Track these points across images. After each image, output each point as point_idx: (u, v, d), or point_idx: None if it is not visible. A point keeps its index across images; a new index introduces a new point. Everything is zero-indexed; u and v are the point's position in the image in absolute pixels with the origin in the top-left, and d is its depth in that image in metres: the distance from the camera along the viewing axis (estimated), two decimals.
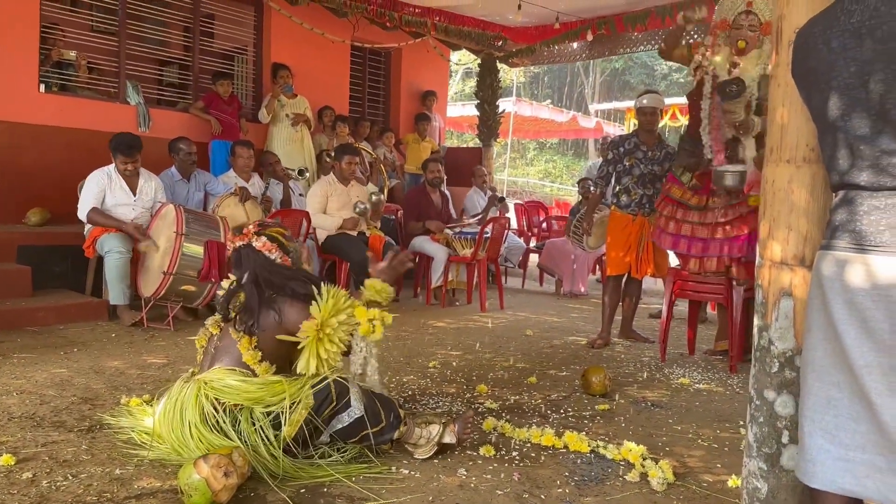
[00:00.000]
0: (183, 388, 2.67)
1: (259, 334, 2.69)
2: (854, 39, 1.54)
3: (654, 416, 3.48)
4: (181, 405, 2.61)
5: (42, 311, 4.86)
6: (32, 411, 3.09)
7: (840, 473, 1.57)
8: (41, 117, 6.19)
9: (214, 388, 2.60)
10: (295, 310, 2.70)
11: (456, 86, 24.32)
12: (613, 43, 8.77)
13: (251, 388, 2.60)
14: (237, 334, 2.70)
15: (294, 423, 2.54)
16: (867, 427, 1.53)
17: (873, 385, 1.50)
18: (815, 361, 1.62)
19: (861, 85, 1.54)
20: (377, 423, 2.63)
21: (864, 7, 1.53)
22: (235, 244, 2.87)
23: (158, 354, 4.26)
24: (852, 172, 1.58)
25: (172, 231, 4.85)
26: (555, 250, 8.00)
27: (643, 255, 5.11)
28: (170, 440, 2.60)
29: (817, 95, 1.65)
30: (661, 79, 26.13)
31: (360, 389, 2.67)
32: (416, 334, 5.28)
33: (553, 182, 25.44)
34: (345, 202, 6.23)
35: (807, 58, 1.66)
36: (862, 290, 1.52)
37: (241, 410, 2.58)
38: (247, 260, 2.80)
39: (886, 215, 1.52)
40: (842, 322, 1.55)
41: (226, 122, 7.08)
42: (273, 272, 2.78)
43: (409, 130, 9.27)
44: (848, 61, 1.56)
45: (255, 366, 2.66)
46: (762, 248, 1.89)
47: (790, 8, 1.81)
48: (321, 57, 8.14)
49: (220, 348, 2.77)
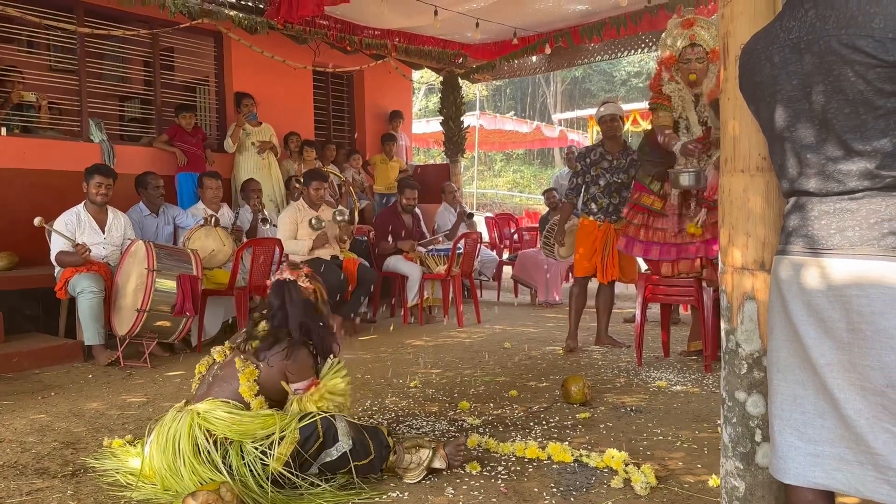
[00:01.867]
0: (176, 417, 2.69)
1: (265, 369, 2.73)
2: (794, 54, 1.62)
3: (634, 421, 3.55)
4: (175, 435, 2.62)
5: (16, 357, 4.81)
6: (14, 459, 3.07)
7: (811, 468, 1.63)
8: (4, 160, 6.13)
9: (206, 420, 2.62)
10: (305, 361, 2.78)
11: (419, 102, 24.45)
12: (571, 54, 8.94)
13: (243, 422, 2.62)
14: (243, 364, 2.73)
15: (280, 458, 2.56)
16: (833, 422, 1.59)
17: (835, 381, 1.57)
18: (780, 362, 1.68)
19: (804, 97, 1.62)
20: (366, 456, 2.66)
21: (802, 24, 1.61)
22: (284, 276, 2.92)
23: (137, 393, 4.23)
24: (801, 180, 1.66)
25: (144, 267, 4.84)
26: (528, 261, 8.08)
27: (608, 260, 5.26)
28: (160, 471, 2.60)
29: (764, 108, 1.73)
30: (621, 84, 26.51)
31: (347, 423, 2.69)
32: (396, 354, 5.31)
33: (521, 192, 25.62)
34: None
35: (753, 73, 1.74)
36: (818, 291, 1.59)
37: (232, 444, 2.59)
38: (288, 297, 2.85)
39: (836, 219, 1.59)
40: (801, 323, 1.62)
41: (191, 153, 7.06)
42: (309, 315, 2.86)
43: (376, 151, 9.32)
44: (790, 75, 1.64)
45: (249, 398, 2.69)
46: (723, 255, 1.96)
47: (735, 25, 1.90)
48: (283, 83, 8.17)
49: (218, 377, 2.80)
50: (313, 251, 6.13)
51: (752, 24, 1.86)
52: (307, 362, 2.78)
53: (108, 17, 6.74)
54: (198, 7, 6.70)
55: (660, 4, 6.97)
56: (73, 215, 5.19)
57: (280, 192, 7.59)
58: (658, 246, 4.64)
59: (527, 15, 7.69)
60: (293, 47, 7.74)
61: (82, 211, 5.23)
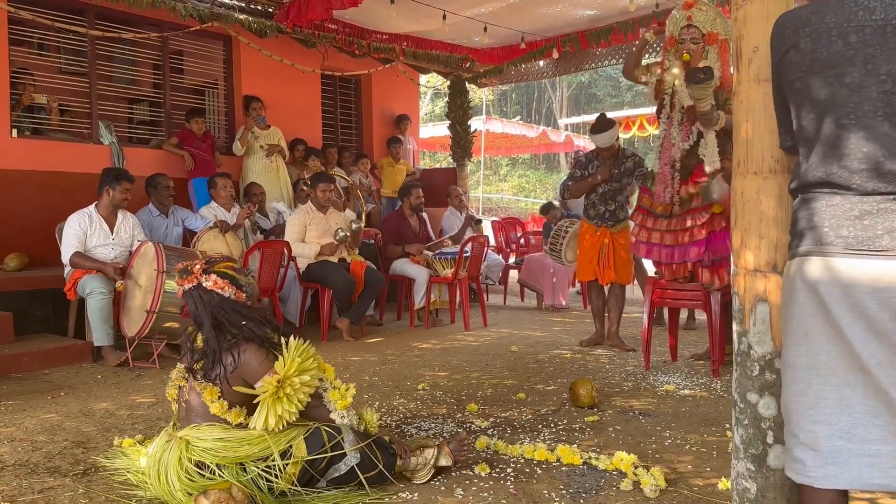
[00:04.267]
0: (165, 447, 2.57)
1: (222, 384, 2.58)
2: (878, 38, 1.53)
3: (642, 425, 3.55)
4: (165, 467, 2.52)
5: (26, 357, 4.83)
6: (26, 458, 3.08)
7: (867, 469, 1.57)
8: (14, 162, 6.18)
9: (196, 452, 2.51)
10: (255, 357, 2.60)
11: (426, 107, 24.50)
12: (579, 59, 8.95)
13: (234, 447, 2.51)
14: (199, 385, 2.59)
15: (287, 478, 2.50)
16: (885, 419, 1.55)
17: (890, 380, 1.53)
18: (820, 366, 1.62)
19: (875, 84, 1.53)
20: (373, 468, 2.60)
21: (887, 5, 1.52)
22: (184, 287, 2.69)
23: (146, 393, 4.25)
24: (841, 173, 1.57)
25: (153, 269, 4.86)
26: (534, 265, 8.09)
27: (605, 263, 5.41)
28: (160, 496, 2.56)
29: (819, 87, 1.61)
30: (627, 90, 26.51)
31: (354, 435, 2.62)
32: (403, 357, 5.32)
33: (527, 197, 25.64)
34: (324, 230, 6.27)
35: (814, 48, 1.61)
36: (867, 293, 1.53)
37: (228, 468, 2.49)
38: (199, 302, 2.65)
39: (881, 219, 1.53)
40: (847, 325, 1.56)
41: (200, 158, 7.09)
42: (230, 311, 2.65)
43: (383, 155, 9.35)
44: (867, 59, 1.53)
45: (225, 415, 2.56)
46: (736, 257, 1.97)
47: (748, 29, 1.91)
48: (292, 87, 8.21)
49: (189, 405, 2.66)
50: (321, 256, 6.16)
51: (766, 27, 1.87)
52: (256, 357, 2.59)
53: (118, 20, 6.80)
54: (207, 10, 6.74)
55: (668, 9, 6.96)
56: (85, 216, 5.23)
57: (288, 194, 7.62)
58: (657, 247, 4.65)
59: (535, 19, 7.71)
60: (302, 51, 7.78)
61: (94, 213, 5.26)
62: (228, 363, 2.58)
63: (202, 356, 2.61)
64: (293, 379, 2.54)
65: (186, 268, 2.72)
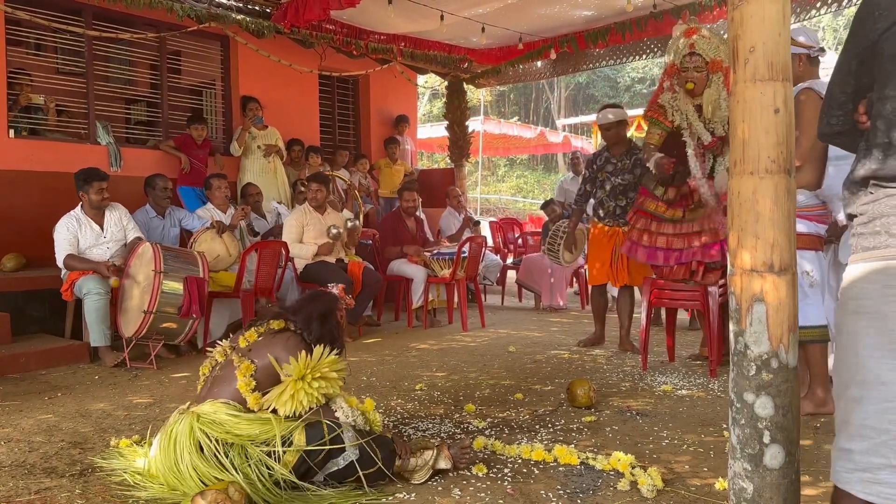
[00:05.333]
0: (178, 419, 2.70)
1: (258, 363, 2.73)
2: None
3: (639, 425, 3.55)
4: (175, 438, 2.63)
5: (23, 357, 4.82)
6: (22, 459, 3.08)
7: None
8: (11, 162, 6.17)
9: (205, 424, 2.62)
10: (297, 348, 2.76)
11: (424, 107, 24.50)
12: (576, 60, 8.95)
13: (241, 424, 2.62)
14: (239, 360, 2.73)
15: (286, 465, 2.55)
16: None
17: None
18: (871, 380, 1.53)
19: None
20: (372, 465, 2.64)
21: None
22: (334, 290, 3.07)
23: (144, 394, 4.25)
24: None
25: (150, 269, 4.86)
26: (532, 265, 8.09)
27: (618, 265, 5.29)
28: (165, 475, 2.61)
29: None
30: (625, 90, 26.54)
31: (354, 431, 2.67)
32: (400, 357, 5.32)
33: (525, 197, 25.64)
34: (321, 230, 6.27)
35: None
36: None
37: (233, 446, 2.59)
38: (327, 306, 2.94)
39: None
40: None
41: (195, 166, 7.06)
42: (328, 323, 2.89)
43: (381, 155, 9.35)
44: None
45: (246, 394, 2.68)
46: (732, 257, 1.97)
47: (744, 29, 1.91)
48: (289, 87, 8.21)
49: (219, 377, 2.81)
50: (318, 256, 6.15)
51: (763, 28, 1.87)
52: (299, 347, 2.77)
53: (115, 21, 6.79)
54: (205, 11, 6.73)
55: (665, 10, 6.98)
56: (73, 219, 5.23)
57: (286, 195, 7.62)
58: (662, 252, 4.65)
59: (532, 20, 7.70)
60: (299, 51, 7.77)
61: (81, 214, 5.26)
62: (276, 343, 2.78)
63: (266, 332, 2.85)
64: (317, 371, 2.68)
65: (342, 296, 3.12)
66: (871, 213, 1.59)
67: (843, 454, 1.61)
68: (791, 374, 1.92)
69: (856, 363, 1.58)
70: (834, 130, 1.75)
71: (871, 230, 1.58)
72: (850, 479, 1.59)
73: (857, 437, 1.57)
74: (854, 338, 1.59)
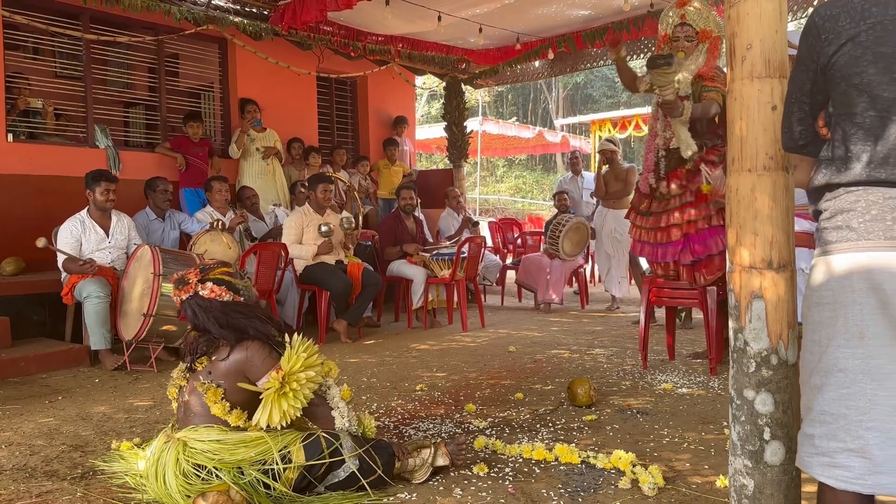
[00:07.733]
0: (164, 448, 2.58)
1: (225, 384, 2.61)
2: None
3: (640, 423, 3.55)
4: (163, 467, 2.53)
5: (23, 361, 4.82)
6: (23, 462, 3.08)
7: None
8: (10, 166, 6.17)
9: (193, 454, 2.51)
10: (259, 354, 2.63)
11: (422, 108, 24.51)
12: (574, 59, 8.96)
13: (236, 449, 2.51)
14: (202, 386, 2.61)
15: (286, 482, 2.50)
16: None
17: None
18: (877, 370, 1.56)
19: None
20: (372, 473, 2.60)
21: None
22: (182, 297, 2.72)
23: (144, 397, 4.25)
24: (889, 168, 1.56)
25: (150, 272, 4.86)
26: (531, 265, 8.09)
27: None
28: (157, 494, 2.56)
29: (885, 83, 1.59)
30: (622, 90, 26.46)
31: (352, 441, 2.62)
32: (400, 358, 5.32)
33: (524, 197, 25.66)
34: None
35: (878, 41, 1.59)
36: None
37: (226, 471, 2.49)
38: (199, 310, 2.68)
39: None
40: None
41: (194, 165, 7.06)
42: (233, 313, 2.67)
43: (380, 157, 9.36)
44: None
45: (226, 416, 2.57)
46: (731, 254, 1.97)
47: (741, 27, 1.91)
48: (288, 89, 8.21)
49: (188, 406, 2.67)
50: (318, 256, 6.16)
51: (759, 26, 1.88)
52: (260, 354, 2.62)
53: (113, 24, 6.79)
54: (202, 13, 6.74)
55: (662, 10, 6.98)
56: (78, 222, 5.22)
57: (285, 197, 7.62)
58: (651, 246, 4.65)
59: (530, 20, 7.71)
60: (297, 53, 7.77)
61: (86, 217, 5.26)
62: (229, 361, 2.61)
63: (199, 342, 2.66)
64: (298, 374, 2.57)
65: (182, 278, 2.74)
66: (833, 208, 1.66)
67: (806, 439, 1.69)
68: (791, 371, 1.93)
69: (818, 353, 1.66)
70: (798, 144, 1.80)
71: (833, 225, 1.66)
72: (811, 462, 1.67)
73: (818, 423, 1.65)
74: (816, 328, 1.67)
